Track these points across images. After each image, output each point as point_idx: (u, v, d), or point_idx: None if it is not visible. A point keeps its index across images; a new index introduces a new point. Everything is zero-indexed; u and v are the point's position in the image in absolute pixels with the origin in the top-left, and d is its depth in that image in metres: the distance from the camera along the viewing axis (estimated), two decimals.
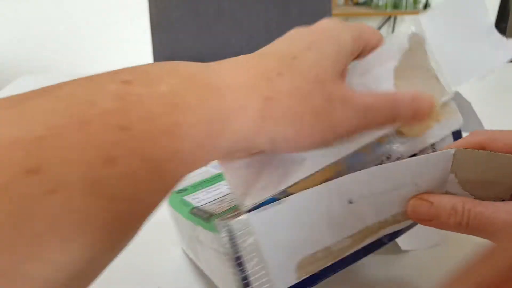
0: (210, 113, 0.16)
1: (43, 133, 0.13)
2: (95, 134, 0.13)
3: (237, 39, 0.94)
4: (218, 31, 0.93)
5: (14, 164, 0.12)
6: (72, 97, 0.14)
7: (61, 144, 0.13)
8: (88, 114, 0.13)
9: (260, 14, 0.92)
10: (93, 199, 0.13)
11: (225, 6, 0.91)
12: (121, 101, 0.14)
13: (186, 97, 0.16)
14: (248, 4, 0.92)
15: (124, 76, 0.16)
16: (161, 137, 0.15)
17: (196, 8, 0.91)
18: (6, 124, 0.13)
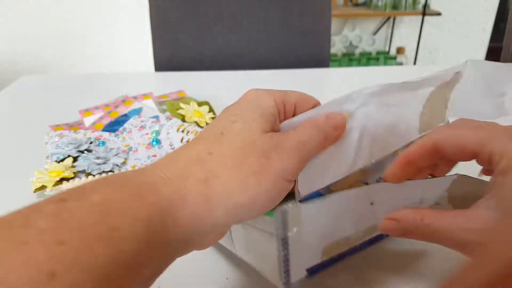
0: (148, 211, 0.17)
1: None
2: (34, 252, 0.14)
3: (237, 40, 0.94)
4: (218, 32, 0.93)
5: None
6: (9, 223, 0.15)
7: (2, 266, 0.13)
8: (25, 235, 0.15)
9: (260, 15, 0.93)
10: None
11: (225, 7, 0.92)
12: (56, 218, 0.16)
13: (120, 201, 0.17)
14: (248, 5, 0.92)
15: (61, 195, 0.17)
16: (97, 244, 0.15)
17: (196, 9, 0.91)
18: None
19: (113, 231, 0.16)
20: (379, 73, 0.86)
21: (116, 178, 0.19)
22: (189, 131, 0.52)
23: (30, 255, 0.14)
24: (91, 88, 0.77)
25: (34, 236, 0.15)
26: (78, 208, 0.16)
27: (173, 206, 0.18)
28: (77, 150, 0.47)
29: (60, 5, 1.91)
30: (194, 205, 0.18)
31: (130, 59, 2.04)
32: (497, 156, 0.20)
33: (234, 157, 0.20)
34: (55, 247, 0.14)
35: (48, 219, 0.15)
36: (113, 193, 0.17)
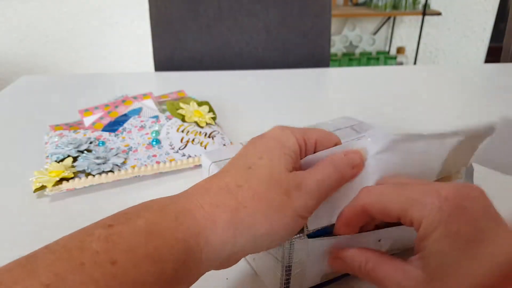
0: (186, 233, 0.20)
1: (50, 280, 0.16)
2: (90, 272, 0.17)
3: (237, 39, 0.94)
4: (218, 31, 0.93)
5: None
6: (67, 247, 0.18)
7: (65, 285, 0.16)
8: (81, 257, 0.17)
9: (260, 15, 0.93)
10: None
11: (225, 6, 0.91)
12: (107, 241, 0.18)
13: (161, 225, 0.20)
14: (248, 5, 0.92)
15: (107, 221, 0.20)
16: (144, 263, 0.18)
17: (196, 9, 0.91)
18: (19, 279, 0.16)
19: (157, 251, 0.19)
20: (379, 73, 0.86)
21: (155, 204, 0.22)
22: (189, 131, 0.52)
23: (88, 274, 0.17)
24: (91, 88, 0.77)
25: (90, 257, 0.17)
26: (125, 232, 0.19)
27: (206, 229, 0.21)
28: (77, 150, 0.47)
29: (60, 5, 1.91)
30: (223, 230, 0.21)
31: (130, 59, 2.04)
32: (417, 223, 0.21)
33: (260, 191, 0.22)
34: (108, 267, 0.17)
35: (100, 242, 0.18)
36: (154, 217, 0.20)
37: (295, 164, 0.24)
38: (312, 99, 0.71)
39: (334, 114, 0.64)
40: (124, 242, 0.18)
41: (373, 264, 0.23)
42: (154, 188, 0.44)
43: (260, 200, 0.22)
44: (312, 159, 0.26)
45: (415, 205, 0.21)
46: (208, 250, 0.21)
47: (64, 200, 0.42)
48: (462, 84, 0.78)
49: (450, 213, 0.20)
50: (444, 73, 0.85)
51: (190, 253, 0.20)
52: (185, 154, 0.48)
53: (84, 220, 0.39)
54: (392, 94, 0.73)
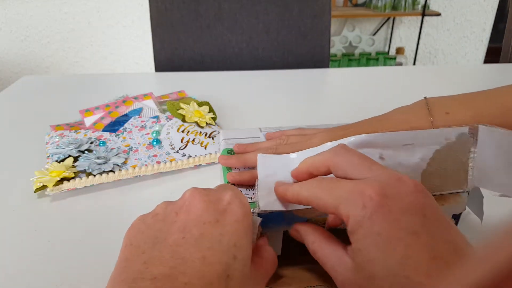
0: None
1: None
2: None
3: (237, 40, 0.94)
4: (218, 32, 0.93)
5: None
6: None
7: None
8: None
9: (260, 15, 0.93)
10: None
11: (225, 7, 0.92)
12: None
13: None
14: (248, 5, 0.92)
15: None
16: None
17: (197, 9, 0.91)
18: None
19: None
20: (379, 73, 0.86)
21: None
22: (189, 131, 0.52)
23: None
24: (91, 88, 0.77)
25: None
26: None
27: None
28: (77, 150, 0.47)
29: (61, 6, 1.91)
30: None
31: (131, 59, 2.04)
32: (346, 219, 0.22)
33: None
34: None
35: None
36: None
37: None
38: (312, 99, 0.71)
39: (333, 114, 0.64)
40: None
41: (318, 245, 0.24)
42: (155, 188, 0.44)
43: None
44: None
45: (343, 202, 0.22)
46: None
47: (65, 200, 0.42)
48: (462, 85, 0.78)
49: (372, 212, 0.21)
50: (443, 73, 0.85)
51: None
52: (185, 154, 0.49)
53: (84, 220, 0.39)
54: (392, 95, 0.73)
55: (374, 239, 0.20)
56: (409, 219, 0.20)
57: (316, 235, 0.25)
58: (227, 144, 0.40)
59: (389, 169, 0.24)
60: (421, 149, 0.28)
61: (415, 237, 0.20)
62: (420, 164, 0.28)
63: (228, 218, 0.23)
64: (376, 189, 0.21)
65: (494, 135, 0.27)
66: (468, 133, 0.28)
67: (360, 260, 0.21)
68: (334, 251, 0.23)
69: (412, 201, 0.21)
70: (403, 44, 2.39)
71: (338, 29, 2.34)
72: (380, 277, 0.20)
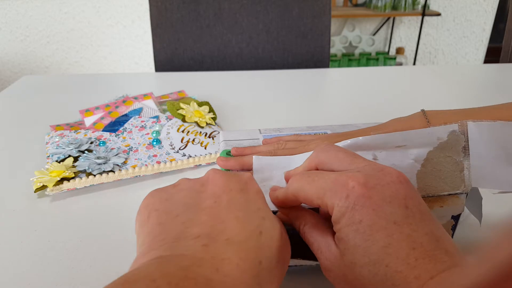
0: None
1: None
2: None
3: (237, 40, 0.94)
4: (218, 32, 0.93)
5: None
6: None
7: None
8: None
9: (260, 15, 0.93)
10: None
11: (225, 7, 0.92)
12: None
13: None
14: (248, 5, 0.92)
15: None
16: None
17: (197, 9, 0.91)
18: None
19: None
20: (379, 73, 0.86)
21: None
22: (189, 131, 0.52)
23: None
24: (91, 88, 0.77)
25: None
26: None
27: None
28: (77, 150, 0.47)
29: (61, 5, 1.91)
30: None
31: (131, 59, 2.04)
32: (330, 209, 0.22)
33: (272, 264, 0.21)
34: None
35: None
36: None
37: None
38: (312, 99, 0.71)
39: (333, 114, 0.64)
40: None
41: (308, 228, 0.25)
42: (155, 188, 0.44)
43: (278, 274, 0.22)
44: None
45: (328, 193, 0.22)
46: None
47: (64, 200, 0.42)
48: (462, 85, 0.78)
49: (355, 202, 0.21)
50: (443, 73, 0.85)
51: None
52: (185, 154, 0.49)
53: (84, 220, 0.39)
54: (392, 95, 0.73)
55: (356, 227, 0.21)
56: (391, 209, 0.21)
57: (307, 217, 0.26)
58: (226, 146, 0.40)
59: (372, 161, 0.24)
60: (414, 150, 0.28)
61: (397, 226, 0.20)
62: (414, 165, 0.28)
63: (250, 188, 0.24)
64: (359, 180, 0.22)
65: (483, 128, 0.27)
66: (458, 130, 0.28)
67: (342, 248, 0.22)
68: (322, 235, 0.24)
69: (394, 191, 0.22)
70: (403, 44, 2.39)
71: (338, 29, 2.34)
72: (361, 265, 0.20)
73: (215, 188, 0.24)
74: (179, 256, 0.19)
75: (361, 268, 0.20)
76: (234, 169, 0.36)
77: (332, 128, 0.46)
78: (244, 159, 0.36)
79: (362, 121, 0.58)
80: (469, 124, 0.28)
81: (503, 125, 0.27)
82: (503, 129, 0.27)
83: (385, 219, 0.21)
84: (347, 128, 0.46)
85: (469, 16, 2.28)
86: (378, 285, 0.20)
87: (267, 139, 0.42)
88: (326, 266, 0.23)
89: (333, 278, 0.23)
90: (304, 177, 0.25)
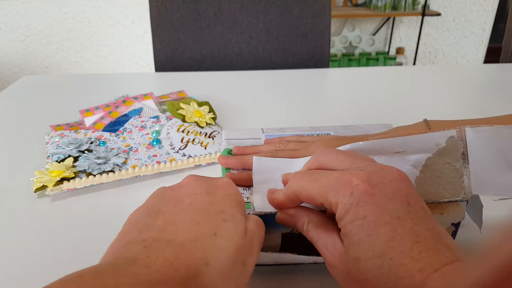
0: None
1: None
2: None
3: (237, 40, 0.94)
4: (218, 32, 0.93)
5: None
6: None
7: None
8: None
9: (260, 15, 0.93)
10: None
11: (225, 7, 0.92)
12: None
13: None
14: (248, 5, 0.92)
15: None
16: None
17: (197, 9, 0.91)
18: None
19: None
20: (379, 73, 0.86)
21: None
22: (189, 131, 0.52)
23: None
24: (91, 88, 0.77)
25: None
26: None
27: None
28: (77, 150, 0.47)
29: (61, 5, 1.91)
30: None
31: (131, 59, 2.04)
32: (334, 206, 0.23)
33: (226, 266, 0.21)
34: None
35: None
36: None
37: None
38: (312, 99, 0.71)
39: (333, 114, 0.64)
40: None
41: (313, 225, 0.25)
42: (155, 188, 0.44)
43: (228, 274, 0.21)
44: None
45: (331, 191, 0.23)
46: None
47: (64, 200, 0.42)
48: (462, 85, 0.78)
49: (359, 198, 0.22)
50: (443, 73, 0.85)
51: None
52: (185, 154, 0.49)
53: (84, 220, 0.39)
54: (392, 95, 0.73)
55: (361, 222, 0.21)
56: (394, 205, 0.22)
57: (311, 215, 0.26)
58: (228, 144, 0.40)
59: (372, 160, 0.25)
60: (413, 156, 0.28)
61: (400, 221, 0.21)
62: (413, 171, 0.28)
63: (219, 192, 0.25)
64: (363, 178, 0.22)
65: (481, 134, 0.27)
66: (457, 136, 0.28)
67: (347, 243, 0.22)
68: (327, 232, 0.24)
69: (396, 188, 0.22)
70: (403, 44, 2.39)
71: (338, 29, 2.34)
72: (365, 259, 0.21)
73: (181, 193, 0.24)
74: (118, 258, 0.20)
75: (366, 262, 0.21)
76: (235, 167, 0.36)
77: (335, 129, 0.45)
78: (245, 158, 0.36)
79: (362, 121, 0.58)
80: (467, 130, 0.27)
81: (501, 129, 0.27)
82: (501, 133, 0.27)
83: (389, 215, 0.21)
84: (350, 129, 0.45)
85: (469, 16, 2.28)
86: (382, 278, 0.20)
87: (268, 139, 0.42)
88: (330, 262, 0.23)
89: (337, 273, 0.23)
90: (305, 176, 0.25)
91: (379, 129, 0.46)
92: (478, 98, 0.72)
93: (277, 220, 0.28)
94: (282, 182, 0.29)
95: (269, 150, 0.39)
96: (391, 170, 0.23)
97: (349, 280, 0.22)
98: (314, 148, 0.38)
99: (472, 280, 0.16)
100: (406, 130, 0.40)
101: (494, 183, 0.28)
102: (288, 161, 0.31)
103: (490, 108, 0.66)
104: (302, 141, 0.41)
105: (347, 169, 0.25)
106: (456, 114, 0.64)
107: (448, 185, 0.28)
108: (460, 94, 0.73)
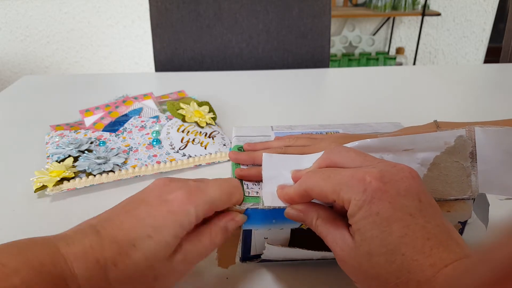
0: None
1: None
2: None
3: (237, 40, 0.94)
4: (218, 32, 0.93)
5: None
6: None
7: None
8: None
9: (260, 15, 0.93)
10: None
11: (225, 7, 0.92)
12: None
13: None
14: (248, 5, 0.92)
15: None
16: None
17: (197, 9, 0.91)
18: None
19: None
20: (379, 73, 0.86)
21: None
22: (189, 131, 0.52)
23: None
24: (91, 88, 0.77)
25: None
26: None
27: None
28: (77, 150, 0.47)
29: (61, 5, 1.91)
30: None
31: (131, 59, 2.04)
32: (347, 203, 0.23)
33: (131, 275, 0.23)
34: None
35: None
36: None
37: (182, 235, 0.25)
38: (312, 99, 0.71)
39: (334, 114, 0.64)
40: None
41: (322, 220, 0.26)
42: None
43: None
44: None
45: (344, 188, 0.23)
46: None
47: (64, 200, 0.42)
48: (462, 85, 0.78)
49: (373, 195, 0.22)
50: (443, 73, 0.85)
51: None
52: (185, 154, 0.49)
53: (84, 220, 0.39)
54: (392, 95, 0.73)
55: (373, 219, 0.22)
56: (406, 202, 0.22)
57: (320, 211, 0.26)
58: (238, 141, 0.41)
59: (383, 159, 0.25)
60: (421, 154, 0.28)
61: (412, 218, 0.22)
62: (420, 169, 0.28)
63: (164, 207, 0.25)
64: (376, 175, 0.23)
65: (490, 134, 0.27)
66: (466, 135, 0.28)
67: (359, 238, 0.22)
68: (336, 227, 0.25)
69: (408, 186, 0.23)
70: (403, 44, 2.39)
71: (338, 29, 2.34)
72: (378, 254, 0.21)
73: (140, 195, 0.27)
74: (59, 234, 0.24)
75: (378, 257, 0.21)
76: (245, 163, 0.36)
77: (344, 126, 0.46)
78: (255, 154, 0.36)
79: (362, 121, 0.58)
80: (477, 129, 0.28)
81: (510, 130, 0.27)
82: (510, 134, 0.27)
83: (401, 211, 0.22)
84: (359, 127, 0.45)
85: (469, 16, 2.28)
86: (394, 273, 0.21)
87: (279, 137, 0.43)
88: (341, 257, 0.24)
89: (348, 268, 0.24)
90: (318, 174, 0.26)
91: (388, 127, 0.46)
92: (478, 98, 0.72)
93: (286, 216, 0.28)
94: (292, 179, 0.29)
95: (279, 146, 0.39)
96: (403, 167, 0.24)
97: (360, 275, 0.23)
98: (323, 144, 0.38)
99: (477, 277, 0.16)
100: (416, 130, 0.40)
101: (501, 183, 0.28)
102: (297, 158, 0.31)
103: (490, 108, 0.66)
104: (312, 137, 0.41)
105: (358, 167, 0.25)
106: (456, 114, 0.64)
107: (455, 184, 0.28)
108: (460, 94, 0.73)
